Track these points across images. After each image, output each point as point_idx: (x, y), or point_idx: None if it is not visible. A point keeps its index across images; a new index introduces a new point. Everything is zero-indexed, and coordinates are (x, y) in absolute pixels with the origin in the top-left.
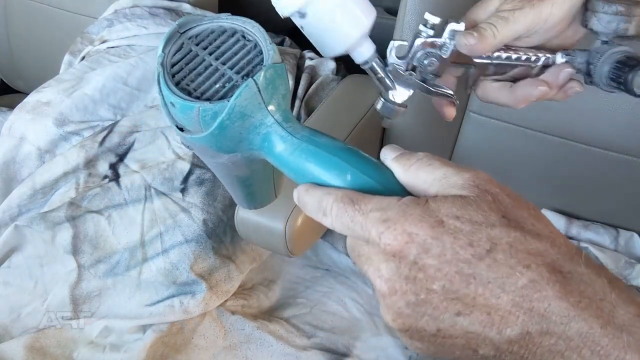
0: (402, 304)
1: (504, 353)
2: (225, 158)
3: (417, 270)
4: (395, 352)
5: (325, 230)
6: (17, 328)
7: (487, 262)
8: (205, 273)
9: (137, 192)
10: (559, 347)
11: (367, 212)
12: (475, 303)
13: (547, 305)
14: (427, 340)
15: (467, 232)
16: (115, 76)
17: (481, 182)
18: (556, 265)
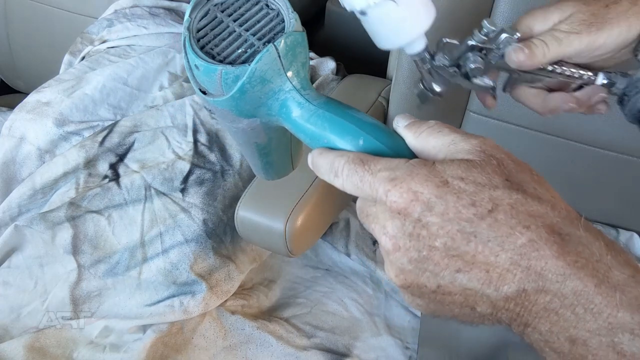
0: (405, 261)
1: (500, 310)
2: (244, 123)
3: (421, 228)
4: (395, 352)
5: (325, 230)
6: (17, 328)
7: (488, 222)
8: (205, 273)
9: (137, 192)
10: (553, 304)
11: (376, 171)
12: (475, 260)
13: (544, 264)
14: (427, 297)
15: (471, 192)
16: (115, 76)
17: (487, 147)
18: (555, 227)
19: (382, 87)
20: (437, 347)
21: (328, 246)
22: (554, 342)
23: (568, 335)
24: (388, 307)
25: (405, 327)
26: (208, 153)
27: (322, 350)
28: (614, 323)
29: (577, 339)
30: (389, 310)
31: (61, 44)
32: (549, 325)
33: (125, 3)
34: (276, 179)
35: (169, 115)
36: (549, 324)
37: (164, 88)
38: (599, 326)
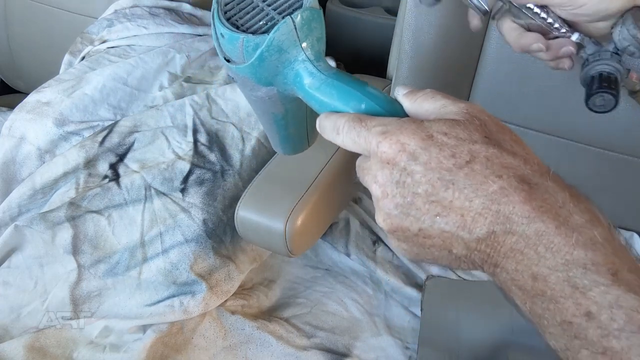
0: (392, 206)
1: (473, 252)
2: (263, 91)
3: (406, 176)
4: (395, 352)
5: (325, 230)
6: (17, 328)
7: (465, 171)
8: (205, 273)
9: (137, 192)
10: (519, 245)
11: (370, 127)
12: (452, 206)
13: (512, 208)
14: (411, 241)
15: (452, 145)
16: (115, 76)
17: (473, 110)
18: (525, 177)
19: (382, 87)
20: (437, 347)
21: (328, 246)
22: (519, 280)
23: (531, 273)
24: (388, 307)
25: (405, 327)
26: (208, 153)
27: (322, 350)
28: (569, 260)
29: (538, 275)
30: (389, 310)
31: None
32: (514, 264)
33: (125, 3)
34: (292, 154)
35: (169, 115)
36: (514, 263)
37: (164, 88)
38: (557, 263)
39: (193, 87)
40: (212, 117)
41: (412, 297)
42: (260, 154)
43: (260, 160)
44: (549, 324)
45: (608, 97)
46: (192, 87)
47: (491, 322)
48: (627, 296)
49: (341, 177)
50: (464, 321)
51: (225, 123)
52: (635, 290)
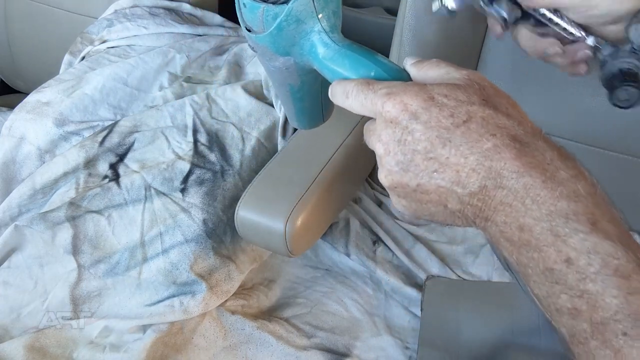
0: (393, 163)
1: (466, 206)
2: (280, 61)
3: (407, 134)
4: (395, 352)
5: (325, 230)
6: (17, 328)
7: (462, 130)
8: (205, 273)
9: (137, 192)
10: (508, 198)
11: (377, 90)
12: (448, 162)
13: (503, 164)
14: (410, 197)
15: (451, 106)
16: (115, 76)
17: (474, 77)
18: (518, 137)
19: None
20: (437, 347)
21: (328, 246)
22: (507, 232)
23: (518, 224)
24: (388, 307)
25: (405, 327)
26: (208, 153)
27: (322, 350)
28: (553, 211)
29: (524, 226)
30: (389, 310)
31: (61, 44)
32: (503, 217)
33: (125, 3)
34: (309, 128)
35: (168, 115)
36: (504, 216)
37: (164, 88)
38: (542, 214)
39: (193, 87)
40: (212, 117)
41: (412, 297)
42: (260, 154)
43: (260, 160)
44: (533, 272)
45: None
46: (192, 87)
47: (491, 322)
48: (604, 243)
49: (341, 177)
50: (464, 321)
51: (225, 123)
52: (612, 238)
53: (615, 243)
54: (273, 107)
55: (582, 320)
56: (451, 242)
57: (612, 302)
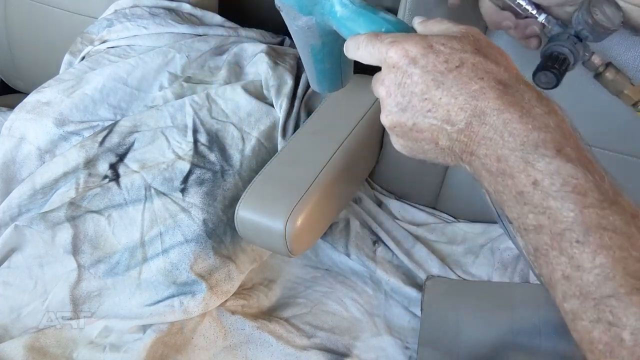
0: (393, 104)
1: (455, 143)
2: (303, 20)
3: (407, 77)
4: (395, 352)
5: (325, 230)
6: (17, 328)
7: (454, 74)
8: (205, 273)
9: (137, 192)
10: (489, 133)
11: (383, 39)
12: (440, 103)
13: (487, 103)
14: (406, 136)
15: (447, 53)
16: (115, 76)
17: (471, 31)
18: (502, 80)
19: None
20: (437, 347)
21: (328, 246)
22: (487, 163)
23: (496, 155)
24: (388, 307)
25: (405, 327)
26: (208, 153)
27: (322, 350)
28: (525, 141)
29: (501, 157)
30: (389, 310)
31: (61, 44)
32: (485, 150)
33: (125, 3)
34: (328, 91)
35: (168, 115)
36: (485, 149)
37: (163, 88)
38: (516, 145)
39: (193, 87)
40: (212, 117)
41: (412, 297)
42: (260, 154)
43: (260, 160)
44: (507, 197)
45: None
46: (192, 87)
47: (491, 322)
48: (566, 165)
49: (341, 177)
50: (464, 321)
51: (225, 123)
52: (574, 161)
53: (576, 166)
54: (273, 107)
55: (544, 234)
56: (451, 242)
57: (569, 215)
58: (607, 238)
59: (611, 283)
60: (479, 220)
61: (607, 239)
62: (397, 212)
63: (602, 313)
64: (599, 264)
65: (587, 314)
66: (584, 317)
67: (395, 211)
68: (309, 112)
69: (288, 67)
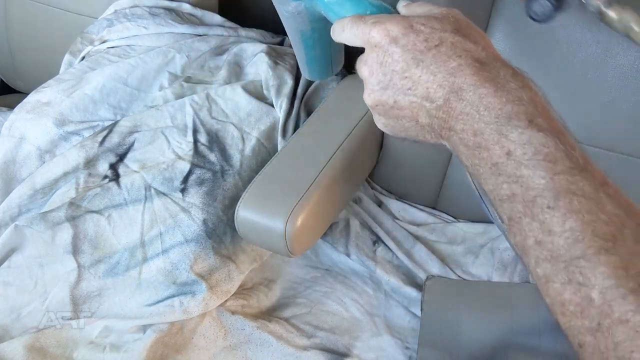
0: (375, 82)
1: (433, 119)
2: (292, 5)
3: (387, 56)
4: (395, 352)
5: (325, 230)
6: (17, 328)
7: (433, 52)
8: (205, 273)
9: (137, 192)
10: (467, 108)
11: (367, 20)
12: (420, 80)
13: (464, 79)
14: (388, 114)
15: (427, 33)
16: (115, 76)
17: (451, 12)
18: (480, 58)
19: None
20: (437, 347)
21: (328, 246)
22: (464, 138)
23: (473, 130)
24: (388, 307)
25: (405, 327)
26: (208, 153)
27: (322, 350)
28: (499, 114)
29: (477, 130)
30: (389, 310)
31: (61, 44)
32: (462, 125)
33: (125, 3)
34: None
35: (169, 115)
36: (462, 124)
37: (164, 88)
38: (491, 118)
39: (193, 87)
40: (212, 117)
41: (412, 297)
42: (260, 154)
43: (260, 160)
44: (483, 170)
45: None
46: (192, 87)
47: (491, 322)
48: (537, 135)
49: (341, 177)
50: (464, 321)
51: (225, 123)
52: (545, 131)
53: (547, 135)
54: (273, 107)
55: (517, 202)
56: (451, 242)
57: (540, 182)
58: (577, 202)
59: (580, 245)
60: (479, 220)
61: (577, 204)
62: (397, 212)
63: (572, 274)
64: (569, 228)
65: (558, 277)
66: (556, 280)
67: (395, 211)
68: (309, 112)
69: (288, 67)
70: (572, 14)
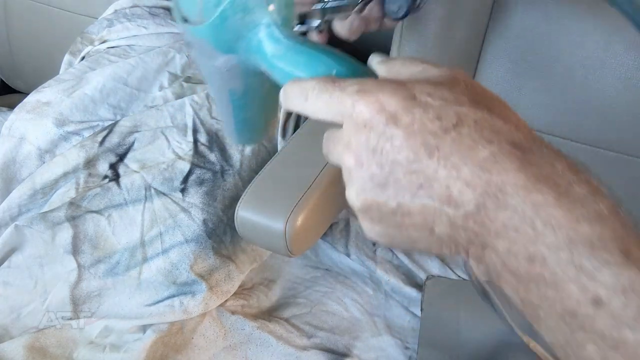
0: (367, 177)
1: (458, 231)
2: (222, 60)
3: (385, 141)
4: (395, 352)
5: (325, 230)
6: (17, 328)
7: (452, 136)
8: (205, 273)
9: (137, 192)
10: (513, 220)
11: (345, 87)
12: (437, 175)
13: (505, 177)
14: (387, 221)
15: (437, 107)
16: (115, 76)
17: (457, 74)
18: (518, 143)
19: None
20: (437, 347)
21: (328, 246)
22: (511, 263)
23: (527, 253)
24: (388, 307)
25: (405, 327)
26: (208, 153)
27: (322, 350)
28: (573, 237)
29: (535, 256)
30: (389, 310)
31: (61, 44)
32: (507, 244)
33: (125, 3)
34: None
35: (169, 115)
36: (507, 243)
37: (164, 88)
38: (558, 241)
39: (193, 87)
40: (212, 117)
41: (412, 297)
42: (260, 154)
43: (260, 160)
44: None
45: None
46: (192, 87)
47: (491, 322)
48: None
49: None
50: (464, 321)
51: None
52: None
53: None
54: None
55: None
56: None
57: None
58: None
59: None
60: None
61: None
62: None
63: None
64: None
65: None
66: None
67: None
68: None
69: None
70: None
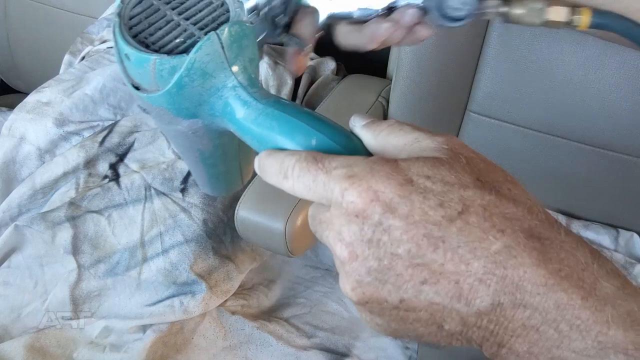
0: (363, 271)
1: (471, 328)
2: (184, 125)
3: (382, 233)
4: (395, 352)
5: None
6: (17, 328)
7: (458, 225)
8: (205, 273)
9: (137, 192)
10: (533, 321)
11: (331, 169)
12: (443, 270)
13: (523, 273)
14: (389, 315)
15: (438, 192)
16: (115, 76)
17: (455, 145)
18: (534, 231)
19: (382, 87)
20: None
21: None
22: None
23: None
24: None
25: None
26: None
27: (322, 350)
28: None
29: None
30: None
31: (61, 44)
32: (527, 346)
33: None
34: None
35: None
36: (527, 344)
37: None
38: (587, 346)
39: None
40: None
41: None
42: None
43: None
44: None
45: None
46: None
47: None
48: None
49: None
50: None
51: None
52: None
53: None
54: None
55: None
56: None
57: None
58: None
59: None
60: None
61: None
62: None
63: None
64: None
65: None
66: None
67: None
68: None
69: None
70: None
